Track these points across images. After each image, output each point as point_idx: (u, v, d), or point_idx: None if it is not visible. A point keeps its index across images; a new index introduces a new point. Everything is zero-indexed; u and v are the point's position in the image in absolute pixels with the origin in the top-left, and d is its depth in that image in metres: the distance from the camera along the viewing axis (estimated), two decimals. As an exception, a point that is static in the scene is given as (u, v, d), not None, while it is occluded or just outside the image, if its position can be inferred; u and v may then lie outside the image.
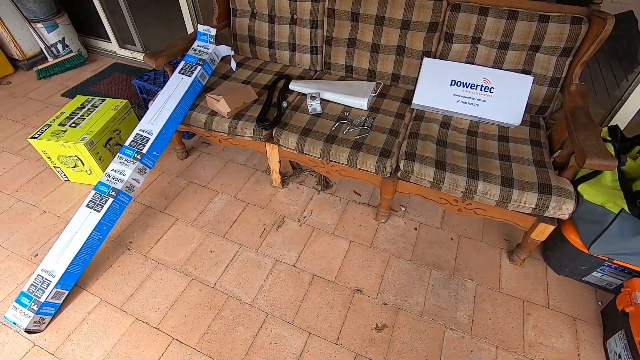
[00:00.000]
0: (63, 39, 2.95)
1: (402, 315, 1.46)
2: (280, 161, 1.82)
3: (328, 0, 1.80)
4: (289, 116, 1.69)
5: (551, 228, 1.37)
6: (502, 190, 1.33)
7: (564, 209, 1.28)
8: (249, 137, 1.68)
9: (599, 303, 1.49)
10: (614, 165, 1.12)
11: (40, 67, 2.91)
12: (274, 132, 1.66)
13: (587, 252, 1.37)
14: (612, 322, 1.35)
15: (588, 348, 1.36)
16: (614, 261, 1.35)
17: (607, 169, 1.15)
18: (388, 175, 1.51)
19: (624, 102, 1.78)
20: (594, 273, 1.46)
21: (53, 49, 2.93)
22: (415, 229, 1.77)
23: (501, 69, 1.62)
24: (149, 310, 1.48)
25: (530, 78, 1.56)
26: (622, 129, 1.68)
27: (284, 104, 1.76)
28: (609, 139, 1.49)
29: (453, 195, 1.46)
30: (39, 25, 2.80)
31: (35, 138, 1.83)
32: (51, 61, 2.93)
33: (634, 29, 2.39)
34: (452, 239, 1.73)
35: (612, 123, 1.82)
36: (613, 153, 1.42)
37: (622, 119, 1.83)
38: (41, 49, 2.97)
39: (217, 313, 1.47)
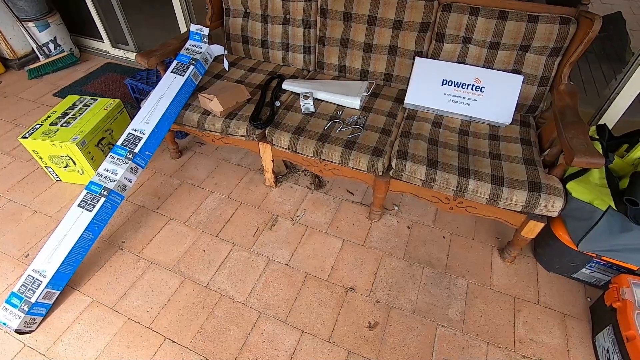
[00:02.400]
0: (55, 38, 2.93)
1: (395, 312, 1.47)
2: (273, 160, 1.83)
3: (321, 0, 1.81)
4: (282, 115, 1.69)
5: (541, 225, 1.39)
6: (493, 188, 1.34)
7: (553, 206, 1.29)
8: (242, 136, 1.69)
9: (588, 299, 1.51)
10: (601, 163, 1.14)
11: (31, 66, 2.88)
12: (267, 132, 1.66)
13: (576, 249, 1.39)
14: (601, 317, 1.37)
15: (577, 343, 1.38)
16: (602, 257, 1.37)
17: (594, 167, 1.17)
18: (380, 174, 1.52)
19: (612, 102, 1.81)
20: (583, 270, 1.48)
21: (45, 48, 2.91)
22: (408, 227, 1.79)
23: (492, 68, 1.64)
24: (141, 310, 1.47)
25: (520, 77, 1.58)
26: (610, 128, 1.70)
27: (277, 104, 1.77)
28: (597, 137, 1.51)
29: (445, 194, 1.47)
30: (30, 24, 2.77)
31: (26, 138, 1.82)
32: (43, 61, 2.90)
33: (622, 30, 2.43)
34: (444, 237, 1.74)
35: (601, 122, 1.84)
36: (601, 151, 1.44)
37: (610, 118, 1.86)
38: (33, 48, 2.95)
39: (210, 312, 1.47)
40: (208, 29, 1.86)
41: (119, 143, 1.61)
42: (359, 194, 1.95)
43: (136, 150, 1.60)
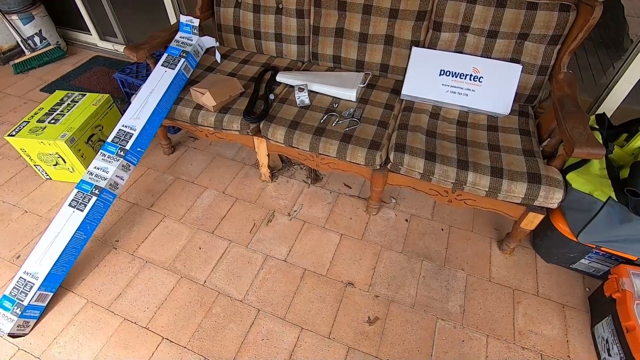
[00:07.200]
0: (40, 31, 2.84)
1: (394, 307, 1.46)
2: (268, 155, 1.79)
3: (314, -11, 1.76)
4: (276, 109, 1.65)
5: (540, 217, 1.38)
6: (492, 181, 1.32)
7: (553, 198, 1.28)
8: (236, 131, 1.65)
9: (587, 289, 1.51)
10: (602, 153, 1.12)
11: (16, 61, 2.79)
12: (261, 126, 1.62)
13: (575, 240, 1.38)
14: (600, 308, 1.37)
15: (576, 334, 1.38)
16: (602, 248, 1.37)
17: (595, 158, 1.15)
18: (378, 167, 1.50)
19: (611, 90, 1.79)
20: (582, 260, 1.48)
21: (30, 42, 2.82)
22: (406, 220, 1.77)
23: (490, 58, 1.61)
24: (137, 310, 1.45)
25: (519, 67, 1.55)
26: (609, 116, 1.69)
27: (271, 97, 1.72)
28: (597, 127, 1.49)
29: (443, 187, 1.45)
30: (14, 17, 2.68)
31: (13, 136, 1.76)
32: (28, 55, 2.81)
33: (620, 16, 2.39)
34: (442, 229, 1.73)
35: (600, 111, 1.83)
36: (601, 141, 1.43)
37: (609, 106, 1.84)
38: (17, 42, 2.85)
39: (208, 311, 1.45)
40: (198, 19, 1.80)
41: (109, 140, 1.57)
42: (356, 188, 1.93)
43: (127, 147, 1.56)
